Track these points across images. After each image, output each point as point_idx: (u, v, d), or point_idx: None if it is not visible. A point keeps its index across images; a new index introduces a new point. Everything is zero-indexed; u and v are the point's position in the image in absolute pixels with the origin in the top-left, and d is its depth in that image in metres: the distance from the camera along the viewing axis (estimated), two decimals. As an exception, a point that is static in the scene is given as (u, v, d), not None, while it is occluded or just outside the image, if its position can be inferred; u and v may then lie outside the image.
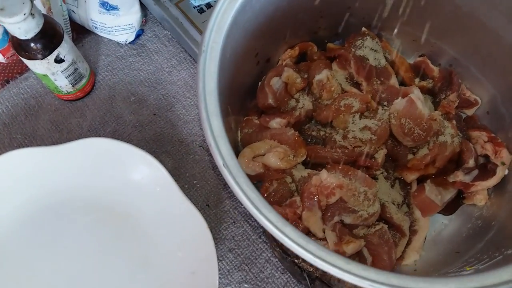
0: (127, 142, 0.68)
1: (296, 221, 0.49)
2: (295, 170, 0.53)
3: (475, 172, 0.55)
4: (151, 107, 0.71)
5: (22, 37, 0.56)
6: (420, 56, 0.64)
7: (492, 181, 0.54)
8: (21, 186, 0.62)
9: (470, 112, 0.62)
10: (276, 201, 0.52)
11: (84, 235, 0.61)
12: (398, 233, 0.53)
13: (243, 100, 0.58)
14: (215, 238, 0.62)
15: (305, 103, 0.56)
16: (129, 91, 0.72)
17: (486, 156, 0.57)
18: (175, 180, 0.59)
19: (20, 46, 0.58)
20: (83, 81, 0.68)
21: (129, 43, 0.74)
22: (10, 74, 0.73)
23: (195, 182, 0.66)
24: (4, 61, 0.73)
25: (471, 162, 0.55)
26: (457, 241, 0.54)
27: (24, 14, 0.53)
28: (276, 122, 0.54)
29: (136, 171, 0.62)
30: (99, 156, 0.62)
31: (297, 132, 0.54)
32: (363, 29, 0.60)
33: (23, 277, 0.58)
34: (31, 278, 0.58)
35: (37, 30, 0.56)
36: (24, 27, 0.55)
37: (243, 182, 0.36)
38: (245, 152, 0.53)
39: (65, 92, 0.67)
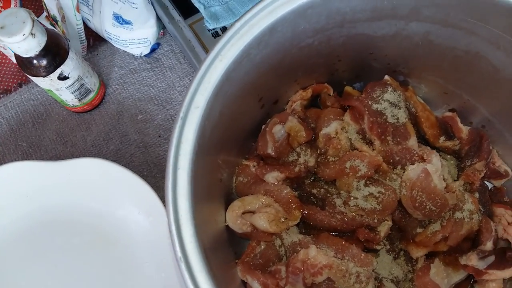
0: (129, 163, 0.67)
1: (277, 293, 0.45)
2: (285, 233, 0.48)
3: (492, 258, 0.48)
4: (157, 128, 0.68)
5: (23, 55, 0.55)
6: (449, 111, 0.56)
7: (509, 272, 0.47)
8: (19, 199, 0.62)
9: (498, 183, 0.54)
10: (260, 265, 0.48)
11: (72, 254, 0.61)
12: (393, 314, 0.48)
13: (243, 142, 0.54)
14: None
15: (307, 159, 0.50)
16: (138, 108, 0.69)
17: (507, 241, 0.50)
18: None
19: (22, 62, 0.57)
20: (91, 95, 0.66)
21: (144, 55, 0.71)
22: (24, 77, 0.72)
23: (192, 213, 0.63)
24: (18, 63, 0.72)
25: (488, 245, 0.49)
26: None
27: (24, 35, 0.51)
28: (272, 177, 0.50)
29: (131, 198, 0.60)
30: (97, 178, 0.61)
31: (293, 191, 0.49)
32: (386, 77, 0.53)
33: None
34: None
35: (38, 49, 0.54)
36: (25, 46, 0.53)
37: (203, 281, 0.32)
38: (235, 205, 0.49)
39: (72, 105, 0.66)
